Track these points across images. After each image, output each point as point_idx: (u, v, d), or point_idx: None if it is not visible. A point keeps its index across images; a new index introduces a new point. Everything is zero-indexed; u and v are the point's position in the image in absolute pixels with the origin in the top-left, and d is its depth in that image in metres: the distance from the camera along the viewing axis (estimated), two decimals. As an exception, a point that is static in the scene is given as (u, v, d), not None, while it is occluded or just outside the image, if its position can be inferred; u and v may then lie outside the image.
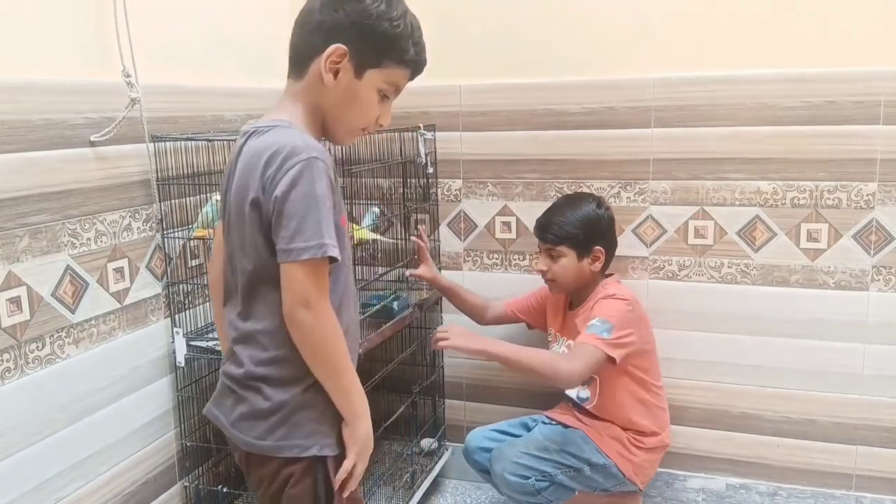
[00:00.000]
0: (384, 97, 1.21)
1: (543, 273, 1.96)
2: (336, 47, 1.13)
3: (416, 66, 1.21)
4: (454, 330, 1.76)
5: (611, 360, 1.77)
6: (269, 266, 1.10)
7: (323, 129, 1.21)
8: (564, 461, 1.86)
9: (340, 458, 1.17)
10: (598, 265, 1.92)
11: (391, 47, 1.16)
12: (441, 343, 1.72)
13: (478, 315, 2.11)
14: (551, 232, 1.92)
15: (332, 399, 1.14)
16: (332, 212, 1.09)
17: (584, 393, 1.97)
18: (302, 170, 1.06)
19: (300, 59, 1.19)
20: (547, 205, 2.04)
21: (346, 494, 1.17)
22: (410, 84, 1.26)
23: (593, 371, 1.81)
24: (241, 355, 1.17)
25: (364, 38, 1.14)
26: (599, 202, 1.95)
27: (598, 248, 1.91)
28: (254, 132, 1.15)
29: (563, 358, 1.81)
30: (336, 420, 1.17)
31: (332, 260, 1.08)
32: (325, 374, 1.13)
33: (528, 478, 1.83)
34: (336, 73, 1.15)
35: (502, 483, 1.87)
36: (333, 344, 1.12)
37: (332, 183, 1.10)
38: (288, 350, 1.12)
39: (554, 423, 2.04)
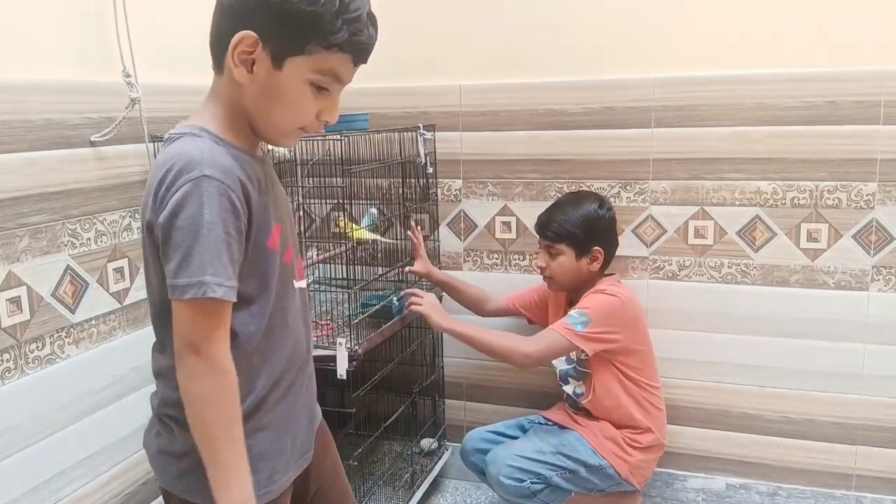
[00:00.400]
0: (320, 89, 1.00)
1: (542, 270, 1.97)
2: (244, 35, 0.95)
3: (354, 48, 0.98)
4: (428, 299, 1.89)
5: (580, 350, 1.82)
6: (159, 298, 0.99)
7: (254, 131, 1.05)
8: (560, 463, 1.86)
9: None
10: (596, 265, 1.93)
11: (313, 29, 0.94)
12: (414, 307, 1.86)
13: (477, 307, 2.12)
14: (551, 229, 1.93)
15: (206, 470, 0.97)
16: (229, 241, 0.93)
17: (580, 389, 1.98)
18: (190, 190, 0.91)
19: (215, 51, 1.01)
20: (547, 205, 2.04)
21: None
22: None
23: (552, 356, 1.89)
24: (157, 388, 1.10)
25: (276, 18, 0.94)
26: (601, 202, 1.96)
27: (597, 248, 1.91)
28: (167, 139, 1.01)
29: (522, 340, 1.84)
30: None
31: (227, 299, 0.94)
32: (197, 436, 0.96)
33: (524, 480, 1.83)
34: (250, 66, 0.97)
35: (498, 486, 1.87)
36: (212, 403, 0.95)
37: (234, 205, 0.93)
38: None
39: (550, 423, 2.04)
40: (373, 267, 2.29)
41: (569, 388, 2.01)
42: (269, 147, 2.02)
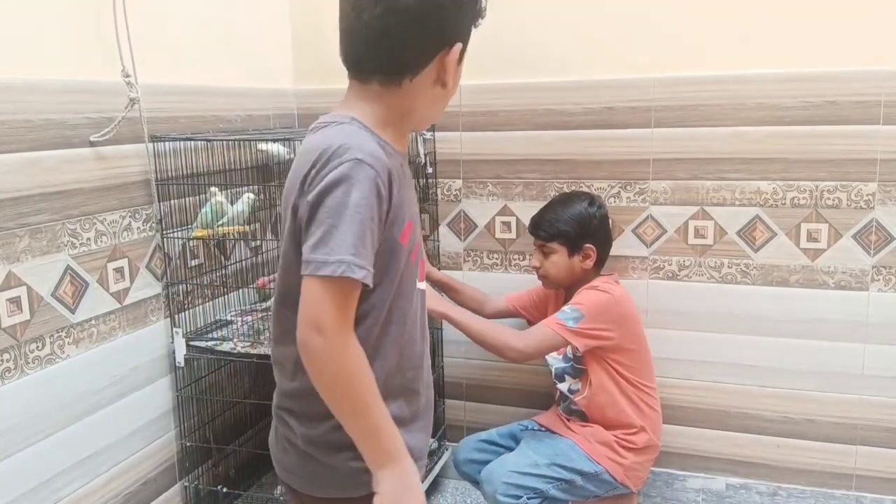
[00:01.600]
0: None
1: (536, 269, 1.98)
2: (457, 47, 1.02)
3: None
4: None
5: (573, 346, 1.83)
6: (294, 282, 0.97)
7: (403, 124, 1.08)
8: (555, 474, 1.85)
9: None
10: (589, 263, 1.93)
11: (477, 14, 1.05)
12: None
13: (477, 307, 2.12)
14: (542, 228, 1.95)
15: (350, 433, 0.96)
16: (371, 226, 0.93)
17: (576, 386, 1.97)
18: (343, 172, 0.93)
19: (400, 66, 1.01)
20: (547, 205, 2.03)
21: None
22: None
23: (544, 352, 1.89)
24: (276, 382, 1.07)
25: (467, 20, 1.03)
26: (592, 200, 1.96)
27: (588, 245, 1.92)
28: (313, 128, 1.05)
29: (515, 334, 1.85)
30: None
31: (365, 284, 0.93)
32: (342, 414, 0.96)
33: (520, 497, 1.82)
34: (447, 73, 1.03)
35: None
36: (351, 378, 0.94)
37: (380, 193, 0.95)
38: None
39: (542, 429, 2.04)
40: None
41: (564, 386, 2.01)
42: (264, 147, 2.02)
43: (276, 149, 2.00)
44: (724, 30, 1.96)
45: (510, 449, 2.00)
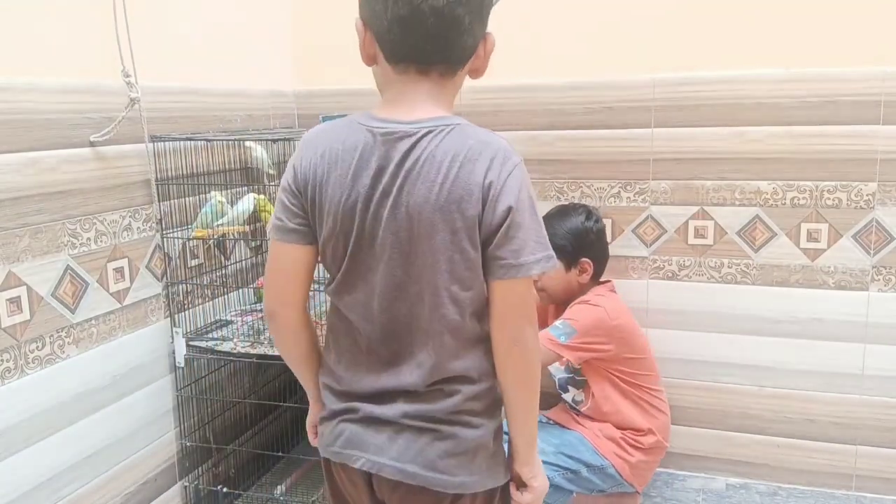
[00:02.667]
0: None
1: (534, 283, 1.97)
2: (491, 35, 1.05)
3: None
4: None
5: (565, 360, 1.84)
6: (481, 289, 1.00)
7: None
8: (562, 463, 1.86)
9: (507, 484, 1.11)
10: (585, 277, 1.93)
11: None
12: None
13: None
14: None
15: (523, 427, 1.07)
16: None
17: (579, 397, 1.98)
18: (522, 176, 0.97)
19: (461, 60, 1.02)
20: (547, 205, 2.03)
21: None
22: None
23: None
24: (446, 390, 1.03)
25: (492, 5, 1.04)
26: (589, 214, 1.96)
27: (585, 259, 1.92)
28: (427, 133, 0.97)
29: None
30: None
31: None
32: (532, 402, 1.06)
33: None
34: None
35: None
36: (540, 365, 1.06)
37: None
38: (492, 381, 1.05)
39: (551, 423, 2.04)
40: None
41: (568, 397, 2.01)
42: (251, 146, 2.02)
43: (260, 152, 1.99)
44: (724, 30, 1.96)
45: None
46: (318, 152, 1.01)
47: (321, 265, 1.09)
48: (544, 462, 1.83)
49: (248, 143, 1.99)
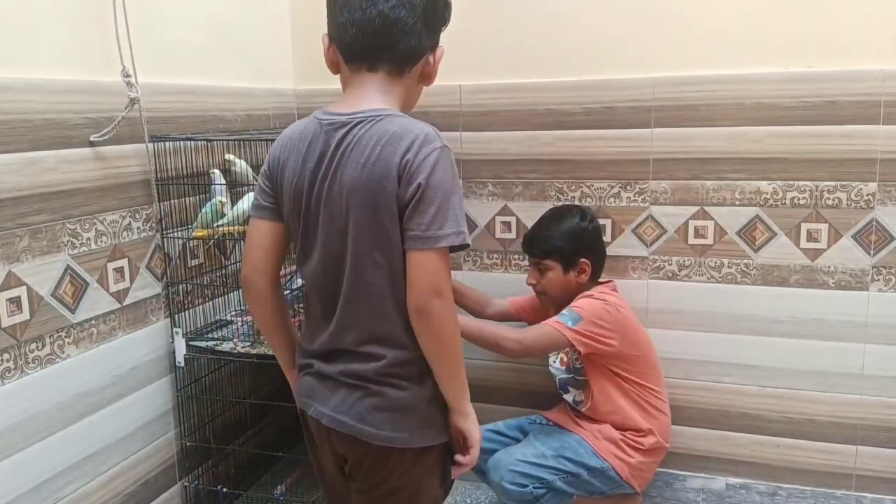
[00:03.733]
0: None
1: (533, 286, 1.98)
2: (441, 49, 1.20)
3: None
4: None
5: (572, 349, 1.84)
6: (400, 259, 1.10)
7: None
8: (562, 467, 1.86)
9: (447, 444, 1.22)
10: (584, 277, 1.94)
11: (450, 18, 1.22)
12: None
13: (478, 310, 2.11)
14: (537, 246, 1.95)
15: (449, 390, 1.17)
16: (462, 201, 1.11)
17: (580, 397, 1.98)
18: (438, 157, 1.07)
19: (405, 59, 1.15)
20: (547, 205, 2.03)
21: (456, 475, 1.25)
22: None
23: (543, 347, 1.88)
24: (370, 359, 1.14)
25: (446, 21, 1.20)
26: (584, 214, 1.96)
27: (583, 260, 1.92)
28: (370, 119, 1.11)
29: (511, 329, 1.85)
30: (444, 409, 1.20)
31: (462, 247, 1.10)
32: (453, 366, 1.16)
33: (526, 486, 1.83)
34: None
35: (500, 492, 1.87)
36: (457, 334, 1.14)
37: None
38: (415, 347, 1.13)
39: (550, 424, 2.04)
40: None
41: (569, 397, 2.01)
42: (231, 158, 2.02)
43: (241, 167, 1.95)
44: (724, 30, 1.96)
45: (517, 440, 2.01)
46: (282, 142, 1.20)
47: None
48: (544, 466, 1.86)
49: (228, 157, 1.95)
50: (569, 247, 1.92)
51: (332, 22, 1.17)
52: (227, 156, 1.96)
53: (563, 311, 1.86)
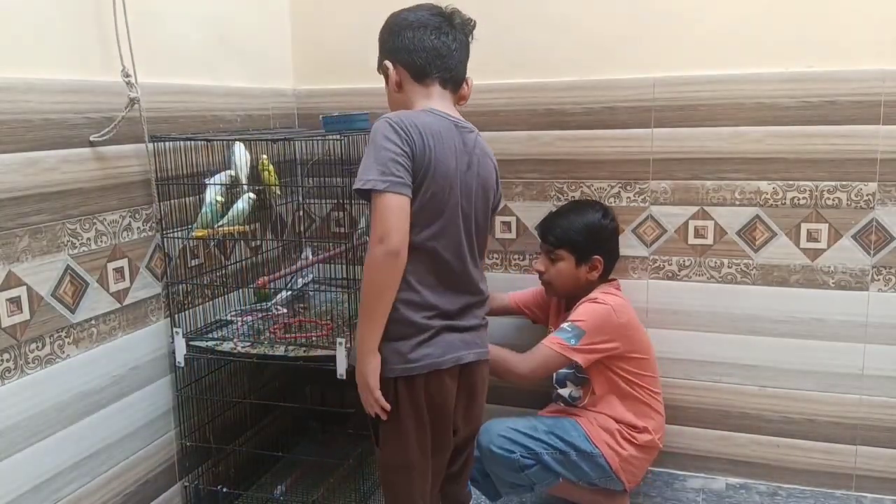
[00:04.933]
0: None
1: (540, 274, 1.97)
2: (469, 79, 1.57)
3: None
4: None
5: (574, 362, 1.83)
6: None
7: None
8: (551, 442, 1.85)
9: None
10: (595, 274, 1.93)
11: None
12: None
13: None
14: (553, 234, 1.93)
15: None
16: None
17: (577, 393, 1.98)
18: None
19: (461, 80, 1.55)
20: (547, 205, 2.03)
21: None
22: None
23: (548, 372, 1.89)
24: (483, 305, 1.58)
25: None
26: (606, 212, 1.96)
27: (597, 257, 1.92)
28: (473, 130, 1.52)
29: (518, 358, 1.84)
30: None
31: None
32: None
33: (514, 452, 1.83)
34: None
35: (487, 456, 1.85)
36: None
37: None
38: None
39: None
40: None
41: (565, 392, 2.01)
42: (248, 154, 2.01)
43: (239, 155, 1.90)
44: (724, 30, 1.96)
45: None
46: (426, 131, 1.38)
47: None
48: (534, 438, 1.85)
49: (235, 147, 1.86)
50: (585, 241, 1.91)
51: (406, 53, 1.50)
52: (234, 146, 1.90)
53: (564, 326, 1.85)
